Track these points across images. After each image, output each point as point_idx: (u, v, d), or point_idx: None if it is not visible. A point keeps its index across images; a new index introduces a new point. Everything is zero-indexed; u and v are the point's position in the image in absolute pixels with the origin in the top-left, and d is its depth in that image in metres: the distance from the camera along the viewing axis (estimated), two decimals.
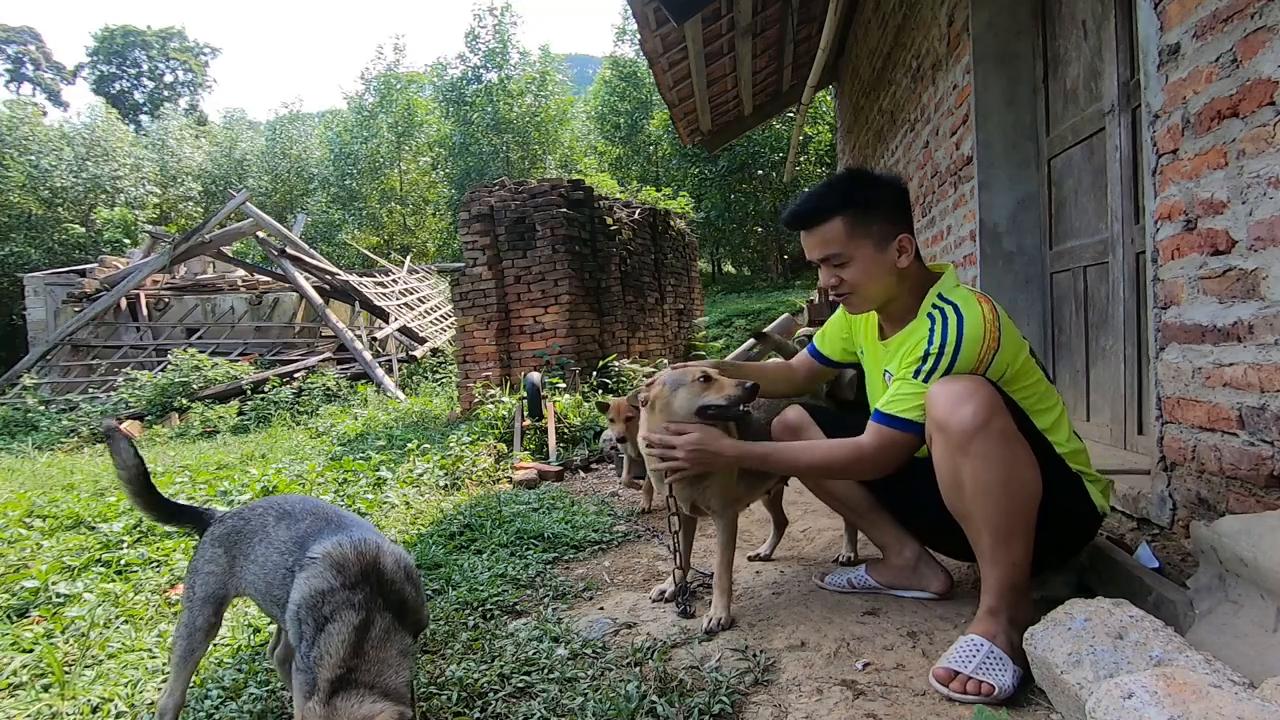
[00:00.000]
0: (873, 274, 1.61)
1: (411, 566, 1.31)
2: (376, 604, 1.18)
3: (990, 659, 1.35)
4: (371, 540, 1.26)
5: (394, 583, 1.22)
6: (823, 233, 1.61)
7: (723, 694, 1.40)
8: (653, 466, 1.79)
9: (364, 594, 1.17)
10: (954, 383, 1.44)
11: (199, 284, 13.00)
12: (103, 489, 4.49)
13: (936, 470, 1.47)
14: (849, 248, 1.60)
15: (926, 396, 1.48)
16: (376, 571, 1.21)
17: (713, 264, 23.71)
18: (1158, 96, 1.73)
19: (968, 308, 1.52)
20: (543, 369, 6.46)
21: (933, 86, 3.68)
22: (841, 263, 1.61)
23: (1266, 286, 1.43)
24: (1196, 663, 1.09)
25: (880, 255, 1.60)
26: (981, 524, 1.41)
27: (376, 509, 3.34)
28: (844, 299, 1.69)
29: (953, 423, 1.39)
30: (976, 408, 1.37)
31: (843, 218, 1.59)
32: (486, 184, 7.28)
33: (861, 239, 1.59)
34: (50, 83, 38.50)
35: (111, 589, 2.44)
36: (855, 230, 1.59)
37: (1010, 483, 1.38)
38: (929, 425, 1.48)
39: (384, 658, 1.13)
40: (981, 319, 1.50)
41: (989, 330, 1.49)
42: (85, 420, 8.58)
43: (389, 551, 1.27)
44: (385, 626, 1.16)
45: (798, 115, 8.30)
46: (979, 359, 1.48)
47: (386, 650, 1.14)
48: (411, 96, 24.64)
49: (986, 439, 1.37)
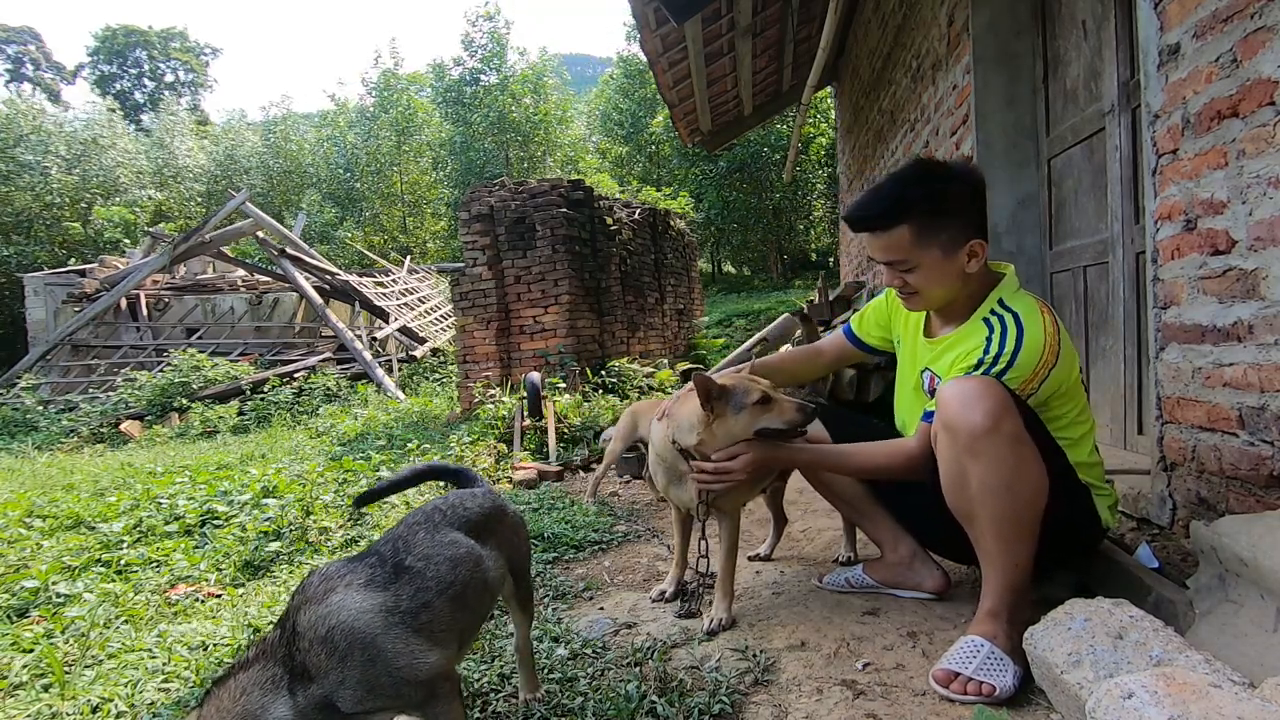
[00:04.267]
0: (939, 280, 1.55)
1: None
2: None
3: (991, 660, 1.34)
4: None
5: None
6: (889, 238, 1.53)
7: (723, 694, 1.40)
8: (702, 483, 1.73)
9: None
10: (965, 383, 1.41)
11: (199, 284, 13.00)
12: (103, 489, 4.49)
13: (941, 470, 1.45)
14: (915, 255, 1.52)
15: (937, 395, 1.45)
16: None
17: (713, 264, 23.72)
18: (1158, 96, 1.73)
19: (1029, 318, 1.47)
20: (544, 369, 6.46)
21: (933, 86, 3.68)
22: (907, 269, 1.55)
23: (1266, 286, 1.43)
24: (1196, 663, 1.09)
25: (948, 262, 1.52)
26: (985, 525, 1.40)
27: (377, 509, 3.34)
28: (904, 299, 1.65)
29: (962, 424, 1.37)
30: (987, 410, 1.34)
31: (910, 225, 1.50)
32: (486, 184, 7.28)
33: (929, 245, 1.51)
34: (50, 83, 38.50)
35: (111, 589, 2.44)
36: (922, 237, 1.51)
37: (1016, 485, 1.36)
38: (936, 424, 1.45)
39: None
40: (1042, 331, 1.45)
41: (1049, 344, 1.45)
42: (85, 420, 8.58)
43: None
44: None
45: (798, 115, 8.30)
46: (1034, 373, 1.44)
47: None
48: (411, 97, 24.66)
49: (995, 441, 1.34)
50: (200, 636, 2.00)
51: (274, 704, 0.95)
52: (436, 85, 24.06)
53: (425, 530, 1.22)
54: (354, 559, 1.15)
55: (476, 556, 1.25)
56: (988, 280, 1.59)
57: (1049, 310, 1.51)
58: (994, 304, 1.55)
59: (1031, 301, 1.52)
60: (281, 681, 0.96)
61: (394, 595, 1.08)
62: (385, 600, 1.06)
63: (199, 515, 3.41)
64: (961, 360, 1.52)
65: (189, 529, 3.31)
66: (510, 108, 22.37)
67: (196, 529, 3.32)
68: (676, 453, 1.77)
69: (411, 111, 24.18)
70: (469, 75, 23.35)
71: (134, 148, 22.13)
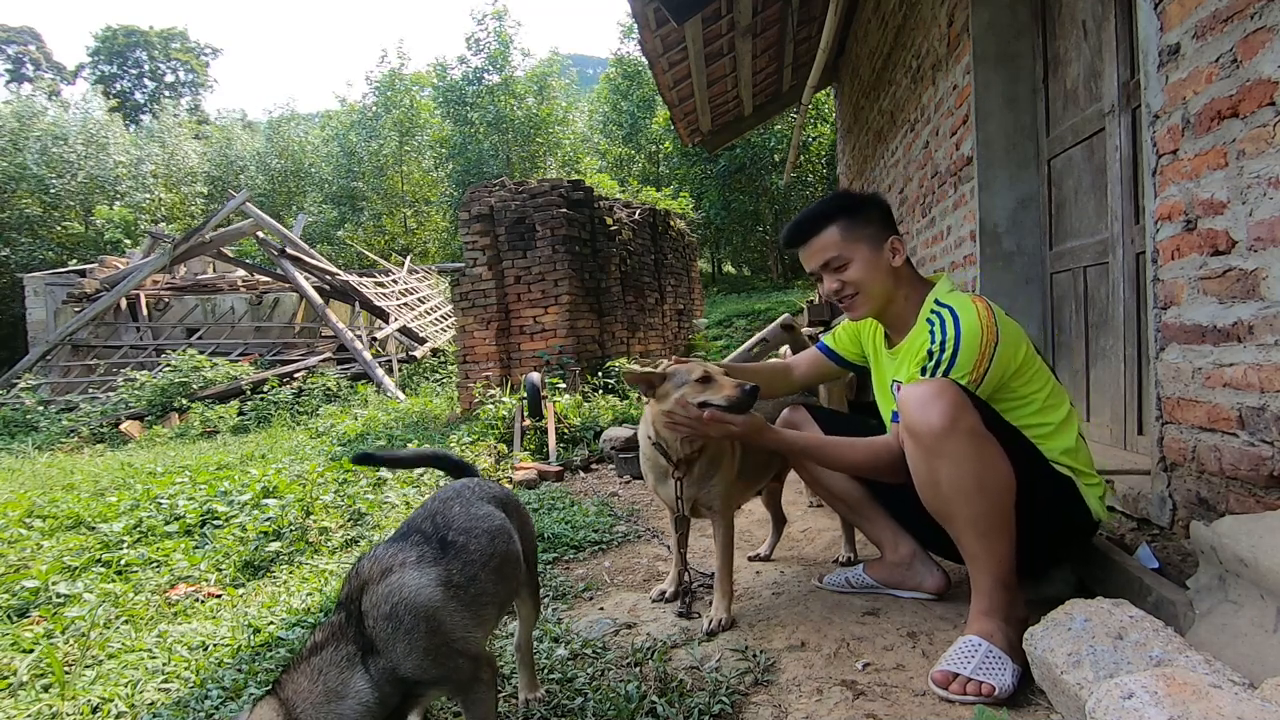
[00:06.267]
0: (871, 274, 1.69)
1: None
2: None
3: (989, 659, 1.35)
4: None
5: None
6: (820, 241, 1.71)
7: (723, 694, 1.40)
8: (683, 434, 1.75)
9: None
10: (920, 385, 1.48)
11: (199, 284, 13.00)
12: (103, 489, 4.49)
13: (913, 473, 1.50)
14: (846, 249, 1.69)
15: (898, 401, 1.52)
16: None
17: (713, 264, 23.70)
18: (1158, 97, 1.73)
19: (963, 309, 1.57)
20: (543, 369, 6.46)
21: (933, 87, 3.68)
22: (841, 265, 1.69)
23: (1266, 287, 1.43)
24: (1196, 663, 1.09)
25: (876, 256, 1.69)
26: (962, 524, 1.44)
27: (376, 509, 3.34)
28: (846, 304, 1.74)
29: (921, 425, 1.42)
30: (943, 409, 1.40)
31: (837, 224, 1.69)
32: (486, 184, 7.28)
33: (857, 240, 1.69)
34: (50, 83, 38.51)
35: (111, 589, 2.44)
36: (849, 233, 1.69)
37: (983, 479, 1.40)
38: (901, 430, 1.50)
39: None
40: (977, 316, 1.55)
41: (985, 326, 1.54)
42: (85, 420, 8.58)
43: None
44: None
45: (798, 115, 8.30)
46: (979, 353, 1.52)
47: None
48: (413, 97, 24.64)
49: (955, 439, 1.39)
50: (200, 636, 2.00)
51: (353, 678, 1.01)
52: (439, 85, 24.05)
53: (460, 504, 1.28)
54: (398, 539, 1.19)
55: (509, 530, 1.32)
56: (924, 288, 1.73)
57: (982, 300, 1.60)
58: (931, 304, 1.66)
59: (964, 296, 1.63)
60: (355, 658, 1.02)
61: (445, 569, 1.14)
62: (439, 574, 1.13)
63: (199, 515, 3.41)
64: (915, 356, 1.63)
65: (189, 529, 3.31)
66: (511, 107, 22.36)
67: (196, 529, 3.32)
68: (656, 450, 1.82)
69: (414, 112, 24.18)
70: (472, 74, 23.34)
71: (133, 148, 22.11)
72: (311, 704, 0.97)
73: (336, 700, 0.99)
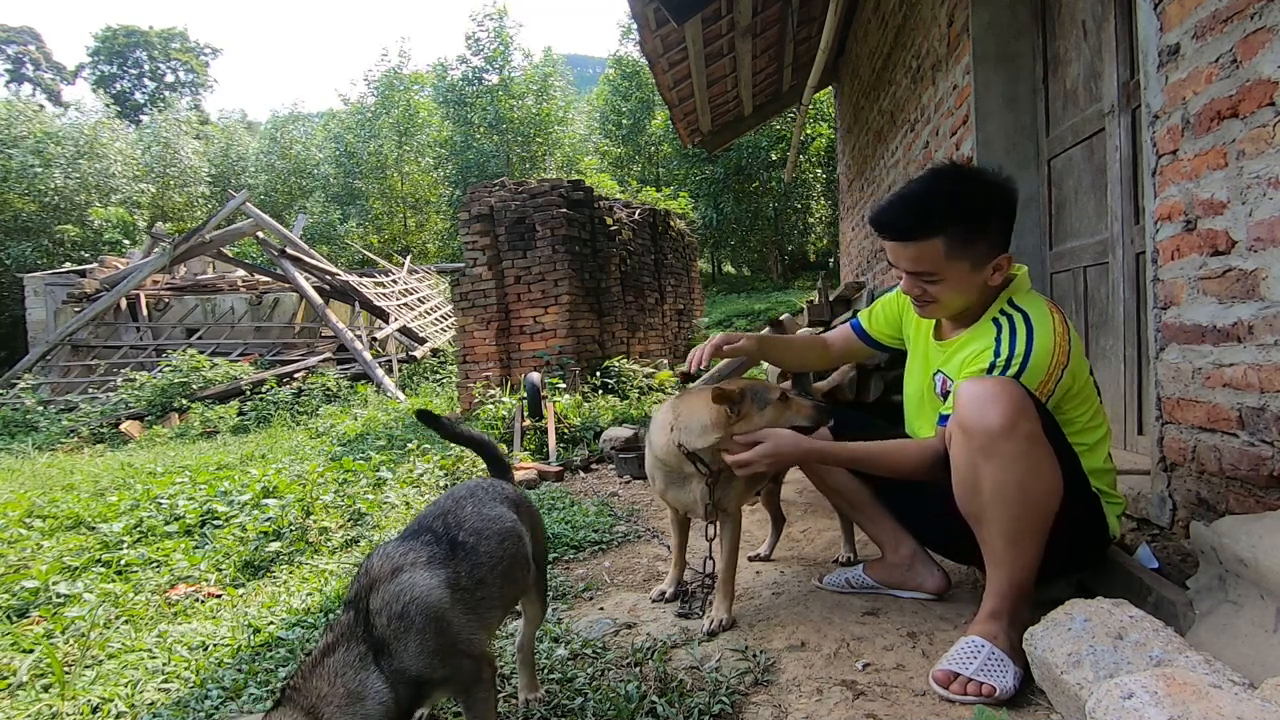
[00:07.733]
0: (961, 292, 1.52)
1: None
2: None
3: (991, 660, 1.34)
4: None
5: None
6: (919, 248, 1.48)
7: (723, 694, 1.40)
8: (741, 473, 1.71)
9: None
10: (982, 383, 1.38)
11: (199, 284, 13.00)
12: (103, 489, 4.49)
13: (954, 469, 1.43)
14: (944, 269, 1.48)
15: (954, 394, 1.43)
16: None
17: (713, 264, 23.70)
18: (1158, 97, 1.73)
19: (1039, 318, 1.45)
20: (543, 369, 6.46)
21: (933, 87, 3.68)
22: (932, 281, 1.51)
23: (1266, 287, 1.43)
24: (1196, 663, 1.09)
25: (974, 275, 1.49)
26: (995, 526, 1.38)
27: (377, 509, 3.34)
28: (919, 307, 1.62)
29: (978, 424, 1.34)
30: (1004, 410, 1.32)
31: (945, 236, 1.45)
32: (486, 184, 7.28)
33: (959, 260, 1.47)
34: (50, 83, 38.53)
35: (111, 589, 2.44)
36: (954, 251, 1.46)
37: (1029, 487, 1.34)
38: (951, 424, 1.42)
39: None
40: (1052, 331, 1.43)
41: (1059, 344, 1.43)
42: (85, 420, 8.58)
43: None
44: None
45: (798, 115, 8.30)
46: (1048, 373, 1.42)
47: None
48: (412, 97, 24.63)
49: (1011, 442, 1.32)
50: (200, 636, 2.00)
51: (368, 678, 1.02)
52: (439, 85, 24.04)
53: (473, 505, 1.28)
54: (408, 537, 1.19)
55: (519, 532, 1.32)
56: (1001, 285, 1.57)
57: (1058, 310, 1.50)
58: (1004, 304, 1.53)
59: (1041, 301, 1.51)
60: (368, 657, 1.03)
61: (454, 571, 1.14)
62: (448, 576, 1.13)
63: (199, 515, 3.41)
64: (971, 361, 1.50)
65: (189, 529, 3.31)
66: (510, 107, 22.36)
67: (196, 529, 3.32)
68: (682, 456, 1.74)
69: (413, 112, 24.17)
70: (472, 75, 23.33)
71: (132, 149, 22.10)
72: (337, 708, 0.97)
73: (358, 702, 0.98)
